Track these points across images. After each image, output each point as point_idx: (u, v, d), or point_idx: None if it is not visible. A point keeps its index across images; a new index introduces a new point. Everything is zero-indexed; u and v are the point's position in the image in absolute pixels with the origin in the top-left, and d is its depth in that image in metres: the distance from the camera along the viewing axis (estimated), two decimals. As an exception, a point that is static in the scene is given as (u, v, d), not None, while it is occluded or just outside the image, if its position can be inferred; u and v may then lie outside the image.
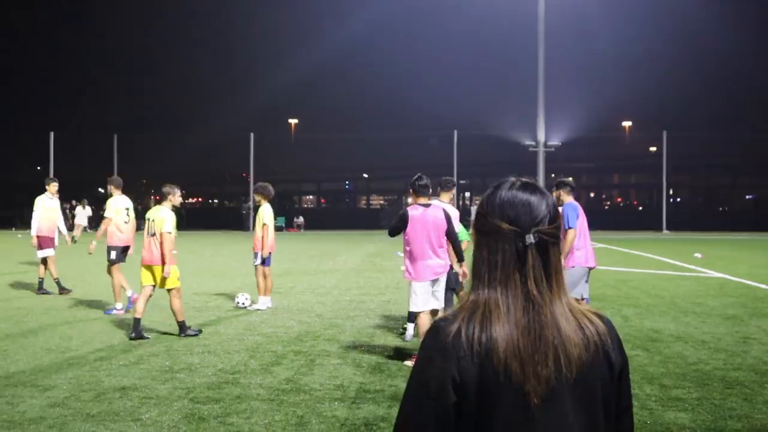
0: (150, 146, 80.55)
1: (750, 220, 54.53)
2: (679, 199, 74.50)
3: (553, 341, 1.95)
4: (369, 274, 20.47)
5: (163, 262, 11.63)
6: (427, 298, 9.82)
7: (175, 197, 12.29)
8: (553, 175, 58.03)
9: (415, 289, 9.85)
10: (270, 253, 14.48)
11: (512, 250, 2.01)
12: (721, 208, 66.40)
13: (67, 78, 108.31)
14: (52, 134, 62.48)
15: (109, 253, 14.19)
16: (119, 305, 13.90)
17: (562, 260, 2.12)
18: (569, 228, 10.83)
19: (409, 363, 9.73)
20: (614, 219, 63.03)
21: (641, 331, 11.91)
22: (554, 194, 11.01)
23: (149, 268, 11.85)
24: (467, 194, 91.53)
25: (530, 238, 2.00)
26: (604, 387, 2.03)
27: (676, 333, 11.71)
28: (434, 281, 9.86)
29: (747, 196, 79.73)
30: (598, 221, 54.37)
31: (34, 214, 17.42)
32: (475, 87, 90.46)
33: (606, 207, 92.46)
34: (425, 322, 9.71)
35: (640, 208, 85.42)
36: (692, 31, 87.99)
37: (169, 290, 11.74)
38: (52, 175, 61.13)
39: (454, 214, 10.80)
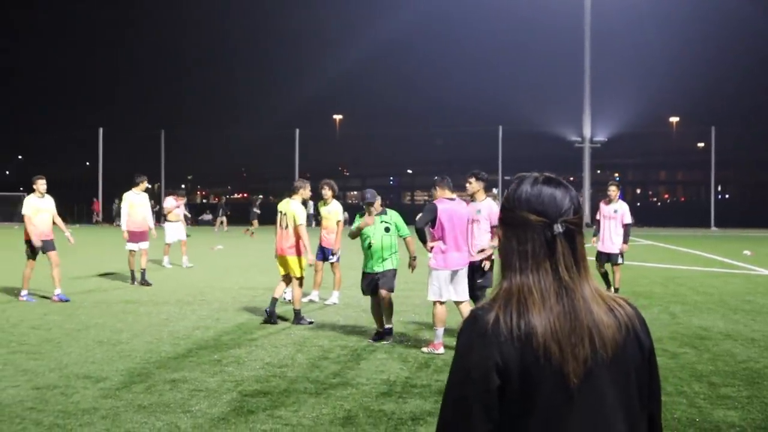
0: (196, 142, 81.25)
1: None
2: (727, 196, 73.57)
3: (588, 324, 2.04)
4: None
5: (299, 253, 12.20)
6: (445, 288, 10.03)
7: (306, 191, 12.83)
8: (598, 171, 57.74)
9: (434, 278, 10.07)
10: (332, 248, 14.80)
11: (542, 240, 2.10)
12: (771, 204, 65.46)
13: (118, 76, 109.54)
14: (101, 130, 63.30)
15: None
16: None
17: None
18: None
19: (425, 349, 10.13)
20: (661, 215, 62.48)
21: (689, 328, 11.82)
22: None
23: (282, 258, 12.41)
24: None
25: (558, 228, 2.09)
26: (637, 368, 2.12)
27: (725, 331, 11.60)
28: (454, 273, 10.05)
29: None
30: (644, 217, 54.14)
31: (123, 210, 17.87)
32: (521, 83, 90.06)
33: (653, 203, 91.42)
34: (440, 312, 10.00)
35: (687, 204, 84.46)
36: (740, 25, 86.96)
37: (295, 278, 12.20)
38: (101, 171, 62.21)
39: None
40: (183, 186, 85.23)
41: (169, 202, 22.62)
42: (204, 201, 75.11)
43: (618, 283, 14.76)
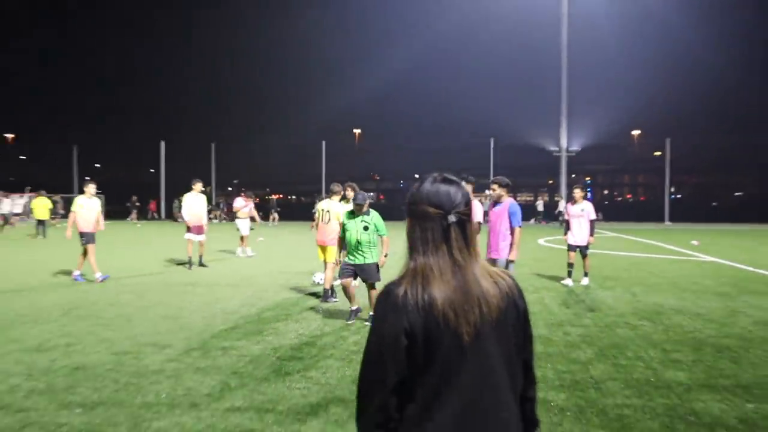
0: (241, 152, 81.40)
1: (737, 214, 53.63)
2: (679, 196, 73.32)
3: (477, 294, 2.20)
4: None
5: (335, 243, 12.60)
6: None
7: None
8: (573, 176, 57.55)
9: None
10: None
11: (439, 228, 2.25)
12: (714, 203, 65.34)
13: (178, 96, 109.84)
14: (162, 143, 63.48)
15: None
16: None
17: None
18: (518, 226, 10.19)
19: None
20: (625, 212, 62.19)
21: (647, 305, 11.81)
22: (496, 190, 10.45)
23: (323, 247, 12.83)
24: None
25: (452, 218, 2.25)
26: (514, 327, 2.29)
27: (676, 307, 11.60)
28: None
29: (735, 193, 79.35)
30: (611, 214, 54.08)
31: (183, 207, 18.26)
32: (509, 102, 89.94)
33: (618, 202, 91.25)
34: None
35: (646, 203, 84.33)
36: (689, 52, 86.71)
37: (330, 263, 12.49)
38: (163, 176, 62.40)
39: None
40: (230, 188, 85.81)
41: (239, 202, 22.63)
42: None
43: (587, 269, 14.61)
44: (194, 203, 18.04)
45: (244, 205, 22.25)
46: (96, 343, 8.79)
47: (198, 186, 18.16)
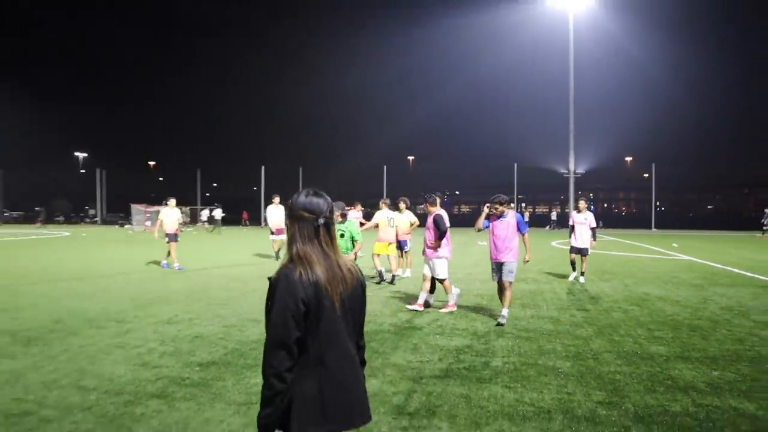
0: (322, 172, 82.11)
1: (709, 222, 52.45)
2: (663, 208, 71.68)
3: (339, 275, 2.44)
4: (460, 257, 20.50)
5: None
6: (446, 268, 9.84)
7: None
8: (579, 192, 56.57)
9: (445, 264, 9.81)
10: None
11: (311, 228, 2.46)
12: (690, 214, 63.92)
13: (272, 128, 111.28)
14: (263, 168, 64.55)
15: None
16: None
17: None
18: (525, 233, 9.04)
19: (410, 307, 9.75)
20: (620, 221, 61.10)
21: (636, 293, 11.55)
22: (499, 208, 9.04)
23: (389, 245, 13.88)
24: (523, 204, 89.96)
25: (320, 221, 2.47)
26: (360, 303, 2.56)
27: (659, 295, 11.31)
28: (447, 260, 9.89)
29: (708, 206, 77.90)
30: (609, 222, 53.22)
31: (268, 215, 18.78)
32: (529, 131, 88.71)
33: (615, 213, 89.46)
34: (447, 284, 9.75)
35: (637, 214, 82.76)
36: (670, 97, 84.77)
37: (392, 256, 13.66)
38: (263, 193, 63.33)
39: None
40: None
41: (352, 214, 22.76)
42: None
43: (584, 268, 13.85)
44: (275, 213, 18.49)
45: (355, 216, 22.28)
46: (211, 318, 8.96)
47: (276, 200, 18.62)
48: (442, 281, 9.76)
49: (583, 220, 14.05)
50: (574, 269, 14.14)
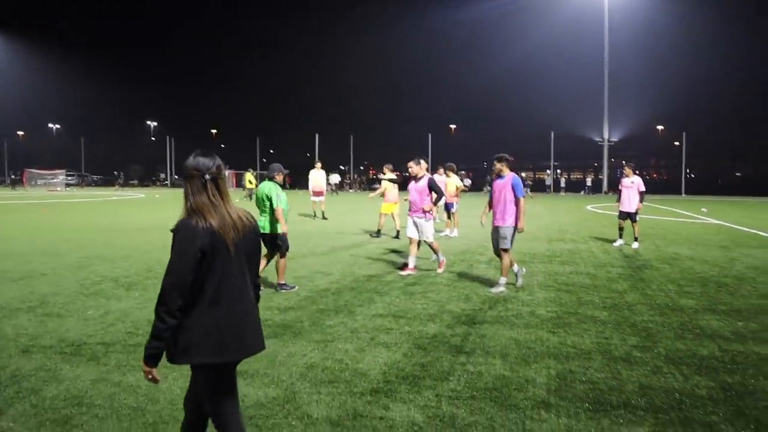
0: (371, 140, 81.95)
1: (737, 189, 50.91)
2: (693, 175, 69.63)
3: (231, 222, 2.58)
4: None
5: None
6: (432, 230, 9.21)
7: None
8: (612, 160, 55.46)
9: (432, 225, 9.16)
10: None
11: (200, 183, 2.59)
12: (719, 181, 61.98)
13: (327, 97, 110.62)
14: (317, 135, 64.99)
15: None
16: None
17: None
18: (521, 197, 7.95)
19: (403, 273, 9.09)
20: (651, 187, 59.41)
21: (667, 253, 11.57)
22: (497, 166, 8.09)
23: (393, 204, 14.04)
24: (558, 171, 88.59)
25: (207, 176, 2.59)
26: (254, 247, 2.73)
27: (689, 255, 11.31)
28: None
29: (737, 173, 75.47)
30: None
31: (310, 179, 19.40)
32: (566, 100, 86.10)
33: (647, 180, 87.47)
34: (436, 245, 9.25)
35: (669, 180, 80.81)
36: (703, 53, 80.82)
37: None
38: (318, 159, 63.84)
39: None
40: (362, 167, 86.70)
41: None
42: (374, 177, 76.05)
43: (638, 234, 12.89)
44: (317, 176, 19.32)
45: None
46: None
47: (318, 165, 19.46)
48: (430, 244, 9.18)
49: (629, 183, 13.15)
50: (620, 236, 13.13)
